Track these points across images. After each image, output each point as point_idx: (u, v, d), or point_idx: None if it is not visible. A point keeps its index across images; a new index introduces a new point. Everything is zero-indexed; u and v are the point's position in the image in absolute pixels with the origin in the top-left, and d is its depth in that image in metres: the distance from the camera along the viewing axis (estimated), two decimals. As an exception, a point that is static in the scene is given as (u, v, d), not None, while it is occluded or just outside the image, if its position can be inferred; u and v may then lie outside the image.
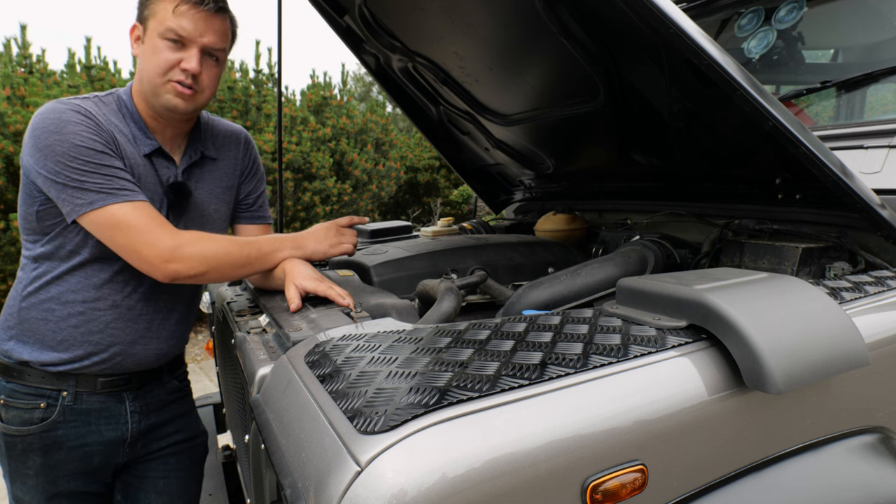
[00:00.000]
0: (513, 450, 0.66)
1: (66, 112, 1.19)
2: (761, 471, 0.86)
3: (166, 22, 1.24)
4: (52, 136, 1.16)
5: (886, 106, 1.65)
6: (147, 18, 1.26)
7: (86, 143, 1.18)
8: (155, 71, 1.26)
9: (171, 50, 1.25)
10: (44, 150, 1.16)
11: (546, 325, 0.93)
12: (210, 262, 1.23)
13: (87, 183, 1.17)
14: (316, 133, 6.81)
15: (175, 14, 1.23)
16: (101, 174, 1.18)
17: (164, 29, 1.24)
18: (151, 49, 1.26)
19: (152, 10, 1.25)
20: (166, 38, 1.24)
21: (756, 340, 0.78)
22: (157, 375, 1.46)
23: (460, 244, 1.82)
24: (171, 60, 1.25)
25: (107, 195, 1.18)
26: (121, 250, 1.21)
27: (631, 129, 1.70)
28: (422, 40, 1.94)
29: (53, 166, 1.16)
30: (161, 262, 1.19)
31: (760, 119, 1.09)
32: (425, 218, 9.03)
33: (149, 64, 1.26)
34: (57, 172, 1.16)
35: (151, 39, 1.26)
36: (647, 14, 1.01)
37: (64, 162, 1.16)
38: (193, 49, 1.26)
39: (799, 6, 1.86)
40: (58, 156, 1.16)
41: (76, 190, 1.16)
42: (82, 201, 1.17)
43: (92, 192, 1.17)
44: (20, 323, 1.30)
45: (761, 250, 1.42)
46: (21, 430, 1.29)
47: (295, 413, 0.78)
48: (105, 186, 1.18)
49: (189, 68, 1.26)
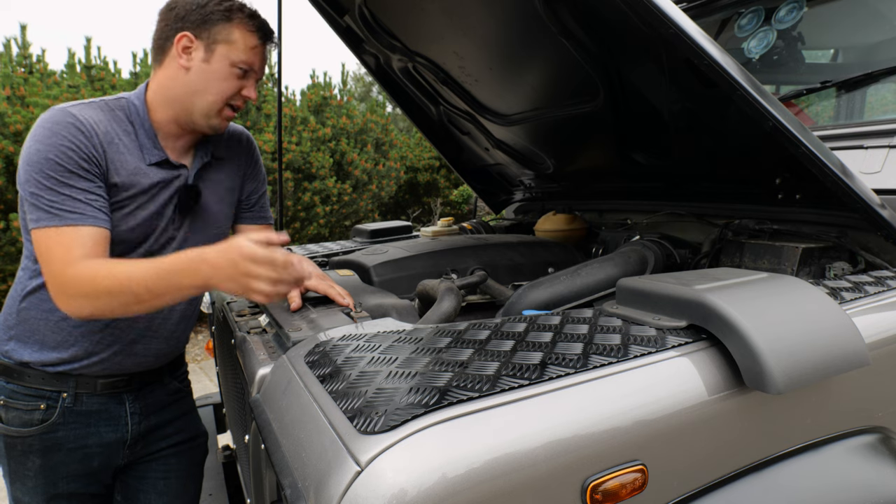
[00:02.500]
0: (513, 450, 0.66)
1: (60, 123, 1.18)
2: (761, 471, 0.86)
3: (243, 54, 1.28)
4: (34, 145, 1.16)
5: (886, 106, 1.65)
6: (217, 41, 1.26)
7: (59, 159, 1.15)
8: (220, 95, 1.29)
9: (238, 78, 1.30)
10: (24, 156, 1.17)
11: (546, 325, 0.93)
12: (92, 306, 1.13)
13: (40, 199, 1.15)
14: (316, 133, 6.81)
15: (252, 48, 1.29)
16: (56, 191, 1.15)
17: (240, 60, 1.28)
18: (220, 74, 1.27)
19: (227, 36, 1.26)
20: (239, 67, 1.28)
21: (756, 340, 0.78)
22: (158, 376, 1.46)
23: (460, 244, 1.82)
24: (237, 88, 1.30)
25: (52, 216, 1.14)
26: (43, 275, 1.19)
27: (631, 129, 1.70)
28: (422, 40, 1.94)
29: (23, 175, 1.16)
30: (64, 305, 1.15)
31: (760, 119, 1.09)
32: (425, 218, 9.03)
33: (213, 86, 1.28)
34: (23, 182, 1.16)
35: (221, 64, 1.27)
36: (647, 14, 1.01)
37: (30, 173, 1.15)
38: (253, 79, 1.33)
39: (799, 6, 1.86)
40: (28, 165, 1.16)
41: (30, 204, 1.16)
42: (31, 217, 1.16)
43: (40, 210, 1.15)
44: (20, 323, 1.30)
45: (761, 250, 1.42)
46: (21, 431, 1.29)
47: (295, 413, 0.78)
48: (53, 206, 1.14)
49: (251, 97, 1.33)
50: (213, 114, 1.31)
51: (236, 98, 1.31)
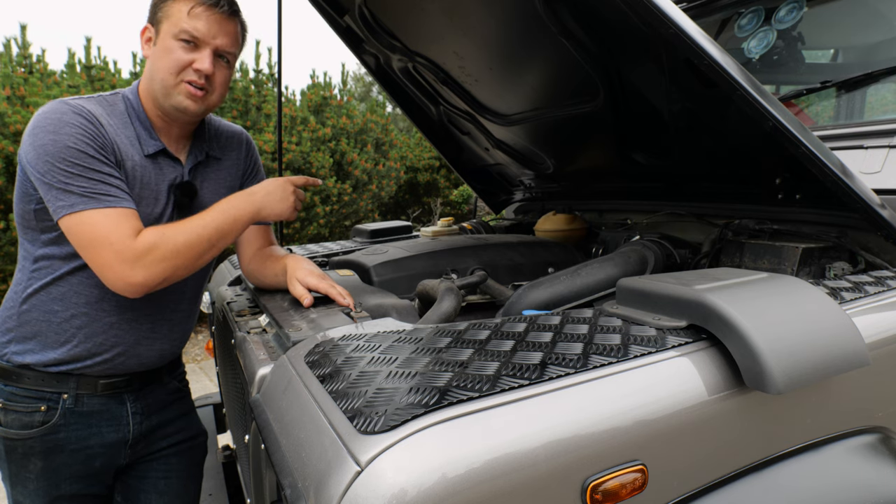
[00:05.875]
0: (513, 450, 0.66)
1: (66, 113, 1.19)
2: (761, 471, 0.86)
3: (181, 23, 1.25)
4: (47, 136, 1.16)
5: (886, 106, 1.65)
6: (160, 20, 1.28)
7: (78, 146, 1.17)
8: (168, 71, 1.27)
9: (185, 51, 1.26)
10: (38, 148, 1.17)
11: (546, 325, 0.93)
12: (171, 267, 1.19)
13: (71, 185, 1.16)
14: (316, 133, 6.81)
15: (190, 16, 1.25)
16: (86, 178, 1.17)
17: (179, 30, 1.25)
18: (164, 50, 1.27)
19: (166, 13, 1.27)
20: (180, 38, 1.26)
21: (756, 340, 0.78)
22: (158, 376, 1.45)
23: (460, 244, 1.82)
24: (184, 61, 1.27)
25: (88, 199, 1.16)
26: (87, 260, 1.20)
27: (631, 129, 1.70)
28: (422, 40, 1.94)
29: (43, 166, 1.16)
30: (123, 284, 1.17)
31: (760, 119, 1.09)
32: (425, 218, 9.03)
33: (161, 64, 1.27)
34: (45, 172, 1.16)
35: (165, 40, 1.27)
36: (647, 14, 1.01)
37: (52, 163, 1.16)
38: (206, 50, 1.28)
39: (799, 6, 1.86)
40: (48, 156, 1.16)
41: (60, 191, 1.16)
42: (63, 203, 1.16)
43: (74, 195, 1.16)
44: (20, 325, 1.29)
45: (761, 250, 1.42)
46: (21, 433, 1.29)
47: (295, 413, 0.78)
48: (87, 190, 1.17)
49: (202, 68, 1.27)
50: (170, 91, 1.28)
51: (187, 72, 1.27)
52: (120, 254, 1.15)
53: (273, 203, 1.31)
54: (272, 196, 1.31)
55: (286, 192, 1.32)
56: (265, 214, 1.30)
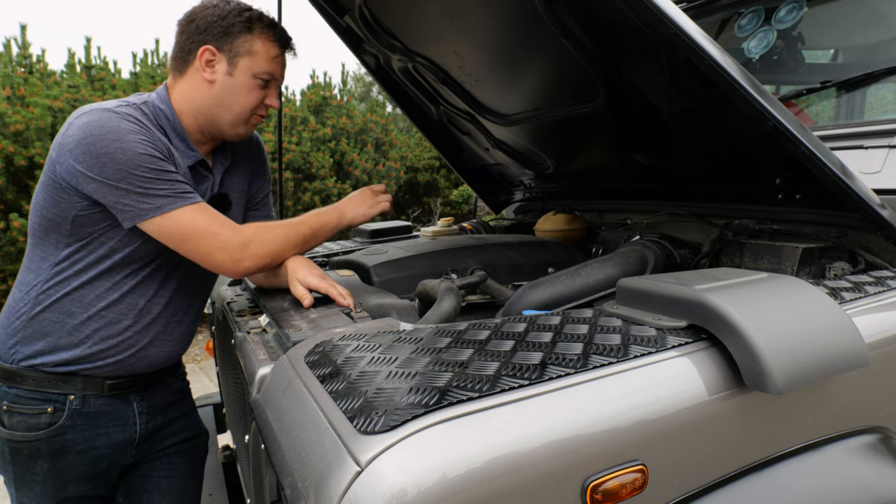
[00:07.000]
0: (513, 450, 0.66)
1: (122, 121, 1.19)
2: (761, 471, 0.86)
3: (265, 65, 1.33)
4: (112, 144, 1.16)
5: (886, 106, 1.65)
6: (240, 53, 1.30)
7: (148, 151, 1.20)
8: (247, 107, 1.35)
9: (261, 88, 1.36)
10: (102, 157, 1.16)
11: (546, 325, 0.93)
12: (274, 253, 1.30)
13: (153, 189, 1.19)
14: (316, 133, 6.81)
15: (274, 59, 1.35)
16: (165, 180, 1.21)
17: (262, 71, 1.33)
18: (245, 87, 1.33)
19: (248, 48, 1.31)
20: (261, 78, 1.34)
21: (756, 340, 0.78)
22: (161, 376, 1.46)
23: (460, 244, 1.82)
24: (260, 98, 1.36)
25: (175, 199, 1.21)
26: (191, 254, 1.25)
27: (631, 129, 1.70)
28: (422, 40, 1.94)
29: (116, 173, 1.17)
30: (233, 263, 1.25)
31: (760, 119, 1.09)
32: (425, 218, 9.03)
33: (241, 99, 1.34)
34: (121, 179, 1.17)
35: (244, 76, 1.32)
36: (647, 14, 1.01)
37: (128, 170, 1.17)
38: (275, 87, 1.39)
39: (799, 6, 1.86)
40: (120, 164, 1.16)
41: (142, 196, 1.18)
42: (148, 206, 1.19)
43: (160, 198, 1.19)
44: (30, 325, 1.28)
45: (761, 250, 1.42)
46: (27, 435, 1.28)
47: (295, 413, 0.78)
48: (171, 191, 1.21)
49: (274, 105, 1.39)
50: (241, 123, 1.37)
51: (260, 107, 1.38)
52: (228, 242, 1.23)
53: (353, 206, 1.46)
54: (352, 200, 1.47)
55: (364, 195, 1.49)
56: (350, 217, 1.45)
